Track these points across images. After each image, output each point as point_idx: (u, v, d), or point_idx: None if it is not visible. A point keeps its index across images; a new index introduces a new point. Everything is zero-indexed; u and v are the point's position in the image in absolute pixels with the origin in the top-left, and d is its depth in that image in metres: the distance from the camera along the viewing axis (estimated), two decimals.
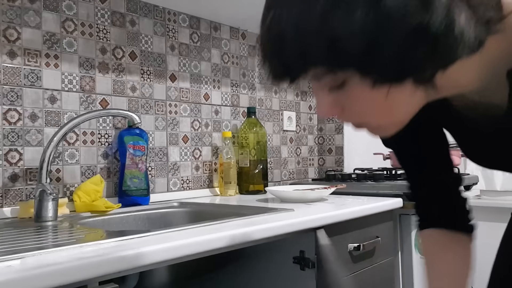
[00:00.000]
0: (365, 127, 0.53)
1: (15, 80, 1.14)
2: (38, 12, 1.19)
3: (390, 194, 1.40)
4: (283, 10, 0.46)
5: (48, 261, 0.63)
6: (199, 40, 1.60)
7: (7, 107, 1.13)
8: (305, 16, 0.43)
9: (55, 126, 1.20)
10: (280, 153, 1.91)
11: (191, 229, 0.87)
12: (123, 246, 0.71)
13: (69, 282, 0.61)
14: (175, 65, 1.52)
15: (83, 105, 1.27)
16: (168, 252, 0.74)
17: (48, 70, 1.20)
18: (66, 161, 1.23)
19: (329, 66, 0.46)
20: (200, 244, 0.79)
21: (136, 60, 1.40)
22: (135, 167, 1.29)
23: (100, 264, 0.65)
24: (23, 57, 1.16)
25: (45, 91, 1.20)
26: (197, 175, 1.57)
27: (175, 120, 1.51)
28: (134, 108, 1.39)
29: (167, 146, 1.49)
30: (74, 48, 1.26)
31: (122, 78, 1.36)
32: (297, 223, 0.97)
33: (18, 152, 1.14)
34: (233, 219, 0.98)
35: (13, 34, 1.14)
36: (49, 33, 1.21)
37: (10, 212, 1.11)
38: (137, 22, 1.41)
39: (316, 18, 0.43)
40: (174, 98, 1.51)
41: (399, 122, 0.53)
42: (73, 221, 1.07)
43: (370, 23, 0.41)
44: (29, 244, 0.75)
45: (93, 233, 0.89)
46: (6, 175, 1.12)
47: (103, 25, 1.32)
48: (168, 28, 1.50)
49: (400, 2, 0.41)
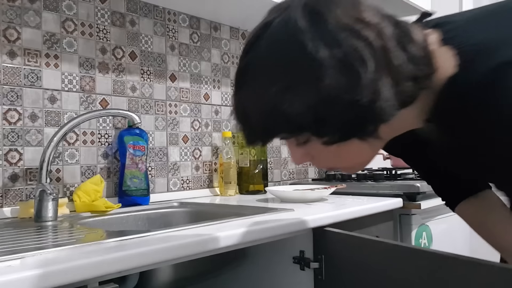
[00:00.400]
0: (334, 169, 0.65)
1: (15, 80, 1.14)
2: (38, 12, 1.19)
3: (390, 194, 1.40)
4: (246, 93, 0.58)
5: (48, 261, 0.63)
6: (199, 40, 1.60)
7: (7, 107, 1.13)
8: (262, 99, 0.55)
9: (55, 126, 1.20)
10: (280, 153, 1.91)
11: (191, 229, 0.87)
12: (123, 246, 0.71)
13: (69, 282, 0.61)
14: (175, 65, 1.52)
15: (83, 105, 1.27)
16: (168, 252, 0.74)
17: (48, 70, 1.20)
18: (66, 161, 1.23)
19: (289, 134, 0.58)
20: (200, 244, 0.79)
21: (136, 60, 1.40)
22: (135, 167, 1.29)
23: (100, 264, 0.65)
24: (23, 57, 1.16)
25: (45, 91, 1.20)
26: (197, 175, 1.57)
27: (175, 120, 1.51)
28: (134, 108, 1.39)
29: (167, 146, 1.49)
30: (74, 48, 1.26)
31: (122, 78, 1.36)
32: (297, 223, 0.97)
33: (18, 152, 1.14)
34: (233, 219, 0.98)
35: (13, 34, 1.14)
36: (49, 33, 1.21)
37: (10, 212, 1.11)
38: (137, 22, 1.41)
39: (270, 101, 0.54)
40: (174, 98, 1.51)
41: (362, 164, 0.66)
42: (73, 221, 1.07)
43: (313, 102, 0.52)
44: (29, 244, 0.75)
45: (93, 233, 0.89)
46: (6, 175, 1.12)
47: (103, 25, 1.32)
48: (168, 28, 1.50)
49: (335, 85, 0.51)
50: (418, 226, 1.39)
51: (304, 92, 0.52)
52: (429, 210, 1.40)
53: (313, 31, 0.53)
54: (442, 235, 1.49)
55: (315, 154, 0.62)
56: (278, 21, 0.56)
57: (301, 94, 0.52)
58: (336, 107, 0.52)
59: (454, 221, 1.60)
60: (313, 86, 0.52)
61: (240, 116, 0.60)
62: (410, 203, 1.37)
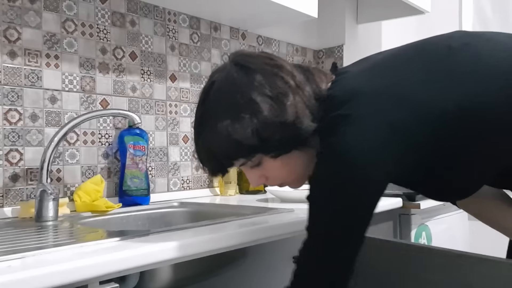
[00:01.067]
0: (285, 185, 0.82)
1: (16, 80, 1.14)
2: (38, 12, 1.19)
3: (390, 194, 1.40)
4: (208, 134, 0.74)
5: (49, 261, 0.63)
6: (199, 40, 1.60)
7: (7, 107, 1.13)
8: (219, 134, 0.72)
9: (55, 126, 1.20)
10: None
11: (191, 229, 0.87)
12: (123, 246, 0.71)
13: (70, 282, 0.61)
14: (175, 65, 1.52)
15: (84, 105, 1.27)
16: (168, 252, 0.74)
17: (48, 70, 1.20)
18: (66, 161, 1.23)
19: (245, 157, 0.74)
20: (200, 244, 0.79)
21: (136, 60, 1.41)
22: (136, 167, 1.29)
23: (100, 264, 0.65)
24: (24, 57, 1.16)
25: (45, 91, 1.20)
26: (197, 175, 1.57)
27: (175, 120, 1.51)
28: (135, 108, 1.39)
29: (167, 146, 1.49)
30: (75, 48, 1.26)
31: (123, 78, 1.37)
32: (297, 223, 0.97)
33: (18, 152, 1.14)
34: (233, 219, 0.98)
35: (13, 34, 1.14)
36: (50, 33, 1.21)
37: (10, 212, 1.11)
38: (137, 22, 1.41)
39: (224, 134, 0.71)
40: (174, 98, 1.51)
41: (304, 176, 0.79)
42: (73, 221, 1.07)
43: (255, 128, 0.70)
44: (30, 244, 0.75)
45: (93, 233, 0.89)
46: (6, 175, 1.12)
47: (103, 25, 1.32)
48: (168, 28, 1.50)
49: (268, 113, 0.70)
50: (418, 226, 1.40)
51: (247, 122, 0.70)
52: (429, 210, 1.40)
53: (245, 79, 0.72)
54: (441, 235, 1.49)
55: (267, 173, 0.78)
56: (220, 78, 0.75)
57: (245, 124, 0.70)
58: (272, 128, 0.70)
59: (453, 221, 1.60)
60: (253, 117, 0.70)
61: (205, 154, 0.77)
62: (409, 203, 1.37)
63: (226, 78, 0.74)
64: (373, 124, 0.65)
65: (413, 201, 1.37)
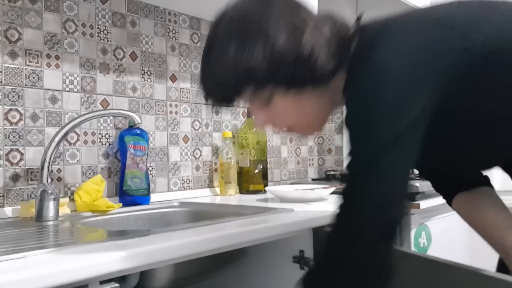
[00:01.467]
0: (293, 130, 0.77)
1: (16, 81, 1.15)
2: (39, 12, 1.19)
3: None
4: (215, 56, 0.71)
5: (49, 260, 0.63)
6: (200, 41, 1.60)
7: (8, 107, 1.13)
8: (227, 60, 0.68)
9: (56, 126, 1.21)
10: (280, 153, 1.91)
11: (191, 229, 0.88)
12: (123, 246, 0.72)
13: (70, 282, 0.62)
14: (176, 65, 1.52)
15: (84, 105, 1.28)
16: (168, 251, 0.74)
17: (49, 71, 1.21)
18: (67, 161, 1.24)
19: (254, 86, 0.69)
20: (200, 244, 0.79)
21: (137, 61, 1.41)
22: (136, 167, 1.29)
23: (101, 263, 0.65)
24: (24, 57, 1.16)
25: (46, 91, 1.20)
26: (197, 175, 1.58)
27: (175, 120, 1.51)
28: (135, 108, 1.40)
29: (168, 146, 1.49)
30: (75, 49, 1.26)
31: (123, 79, 1.37)
32: (297, 222, 0.97)
33: (19, 152, 1.15)
34: (233, 219, 0.98)
35: (14, 35, 1.14)
36: (50, 33, 1.21)
37: (11, 211, 1.12)
38: (137, 22, 1.41)
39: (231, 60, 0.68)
40: (174, 98, 1.51)
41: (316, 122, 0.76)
42: (74, 220, 1.07)
43: (268, 56, 0.66)
44: (30, 243, 0.75)
45: (94, 232, 0.89)
46: (7, 175, 1.13)
47: (104, 25, 1.33)
48: (169, 28, 1.50)
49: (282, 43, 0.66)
50: (417, 226, 1.40)
51: (258, 50, 0.66)
52: (428, 210, 1.40)
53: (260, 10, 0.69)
54: (441, 234, 1.49)
55: (276, 115, 0.74)
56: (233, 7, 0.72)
57: (256, 51, 0.66)
58: (285, 59, 0.67)
59: (453, 221, 1.60)
60: (266, 46, 0.66)
61: (208, 78, 0.73)
62: (409, 203, 1.37)
63: (240, 9, 0.71)
64: (413, 45, 0.62)
65: (413, 200, 1.37)
